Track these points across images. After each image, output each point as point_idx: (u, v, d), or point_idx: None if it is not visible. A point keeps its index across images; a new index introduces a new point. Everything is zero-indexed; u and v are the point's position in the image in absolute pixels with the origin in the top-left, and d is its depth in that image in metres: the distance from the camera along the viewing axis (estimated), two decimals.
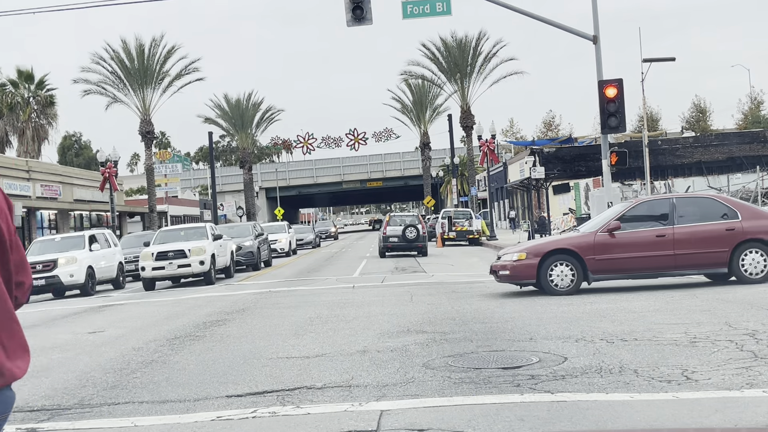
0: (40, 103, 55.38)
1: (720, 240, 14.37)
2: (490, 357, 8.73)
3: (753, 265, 14.35)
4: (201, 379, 8.66)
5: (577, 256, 14.53)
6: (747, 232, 14.37)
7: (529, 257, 14.68)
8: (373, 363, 8.80)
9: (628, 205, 15.46)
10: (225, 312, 15.76)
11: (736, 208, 14.81)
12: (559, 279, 14.51)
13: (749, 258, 14.35)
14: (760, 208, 15.88)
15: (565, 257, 14.57)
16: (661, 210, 14.93)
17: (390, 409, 6.74)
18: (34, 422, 7.29)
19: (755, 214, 14.79)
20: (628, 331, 9.94)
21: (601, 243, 14.56)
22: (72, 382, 9.11)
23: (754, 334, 9.14)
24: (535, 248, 14.98)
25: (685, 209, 14.80)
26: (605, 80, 21.61)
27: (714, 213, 14.69)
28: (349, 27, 21.94)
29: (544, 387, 7.18)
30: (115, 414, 7.38)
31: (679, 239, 14.43)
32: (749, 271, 14.34)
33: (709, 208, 14.86)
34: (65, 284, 25.05)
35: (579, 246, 14.62)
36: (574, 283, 14.50)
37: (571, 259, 14.54)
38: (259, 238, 33.81)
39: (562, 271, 14.52)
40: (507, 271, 14.87)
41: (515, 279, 14.93)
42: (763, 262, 14.35)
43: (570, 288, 14.46)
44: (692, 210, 14.85)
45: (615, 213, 15.23)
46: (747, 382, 6.92)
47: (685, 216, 14.67)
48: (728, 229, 14.41)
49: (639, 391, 6.86)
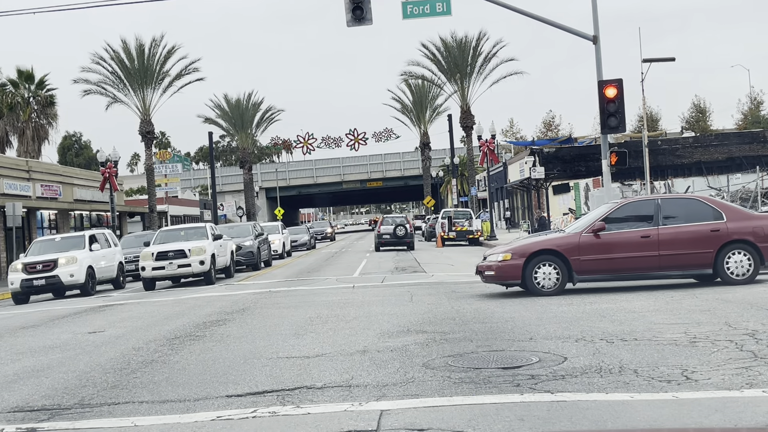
0: (40, 103, 55.36)
1: (705, 241, 14.38)
2: (490, 357, 8.74)
3: (738, 267, 14.35)
4: (201, 379, 8.67)
5: (562, 256, 14.55)
6: (732, 233, 14.37)
7: (514, 258, 14.68)
8: (373, 363, 8.80)
9: (613, 206, 15.41)
10: (225, 312, 15.77)
11: (721, 209, 14.79)
12: (544, 280, 14.52)
13: (734, 259, 14.35)
14: (745, 209, 15.85)
15: (550, 258, 14.58)
16: (646, 211, 14.91)
17: (390, 409, 6.74)
18: (34, 422, 7.29)
19: (740, 216, 14.77)
20: (628, 331, 9.94)
21: (586, 244, 14.57)
22: (72, 382, 9.12)
23: (754, 334, 9.14)
24: (521, 249, 14.95)
25: (670, 210, 14.80)
26: (605, 80, 21.61)
27: (699, 214, 14.68)
28: (349, 27, 21.94)
29: (544, 387, 7.18)
30: (115, 414, 7.38)
31: (664, 240, 14.44)
32: (734, 272, 14.34)
33: (695, 209, 14.85)
34: (65, 284, 25.07)
35: (564, 247, 14.63)
36: (559, 284, 14.52)
37: (556, 260, 14.56)
38: (259, 238, 33.84)
39: (547, 272, 14.53)
40: (492, 272, 14.88)
41: (500, 279, 14.94)
42: (748, 263, 14.35)
43: (555, 289, 14.48)
44: (677, 211, 14.85)
45: (600, 214, 15.22)
46: (747, 382, 6.93)
47: (671, 217, 14.69)
48: (713, 230, 14.42)
49: (639, 391, 6.86)
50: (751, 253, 14.33)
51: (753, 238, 14.36)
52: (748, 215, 15.06)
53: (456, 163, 63.17)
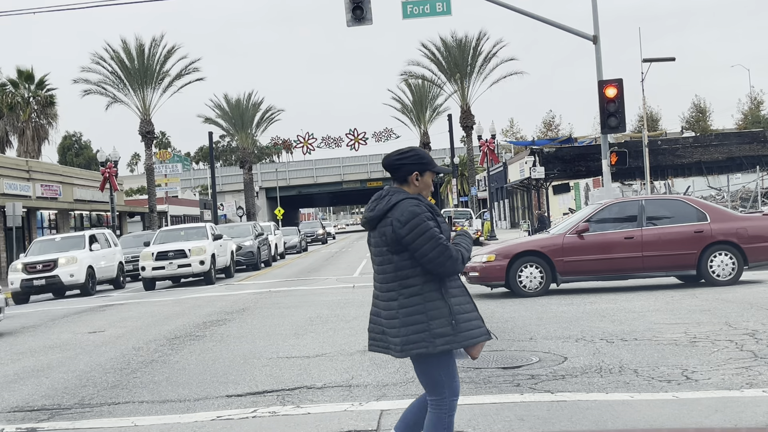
0: (40, 103, 55.33)
1: (688, 242, 14.39)
2: (490, 357, 8.74)
3: (721, 267, 14.34)
4: (201, 379, 8.67)
5: (546, 258, 14.57)
6: (716, 234, 14.38)
7: (498, 259, 14.70)
8: (373, 363, 8.80)
9: (597, 207, 15.43)
10: (225, 312, 15.77)
11: (705, 210, 14.80)
12: (528, 281, 14.54)
13: (718, 260, 14.35)
14: (729, 210, 15.85)
15: (533, 259, 14.60)
16: (630, 212, 14.93)
17: (390, 408, 6.74)
18: (34, 422, 7.30)
19: (724, 217, 14.78)
20: (628, 330, 9.94)
21: (570, 245, 14.60)
22: (72, 382, 9.12)
23: (754, 334, 9.14)
24: (504, 250, 14.97)
25: (654, 211, 14.82)
26: (605, 80, 21.61)
27: (683, 215, 14.70)
28: (349, 27, 21.94)
29: (544, 387, 7.19)
30: (115, 414, 7.38)
31: (648, 241, 14.45)
32: (717, 273, 14.34)
33: (679, 210, 14.86)
34: (65, 284, 25.07)
35: (548, 248, 14.66)
36: (542, 285, 14.54)
37: (540, 261, 14.58)
38: (259, 238, 33.84)
39: (531, 273, 14.56)
40: (477, 273, 14.90)
41: (485, 280, 14.95)
42: (732, 264, 14.35)
43: (539, 290, 14.51)
44: (662, 212, 14.87)
45: (584, 215, 15.25)
46: (747, 382, 6.93)
47: (655, 218, 14.71)
48: (697, 231, 14.43)
49: (639, 390, 6.86)
50: (735, 254, 14.34)
51: (737, 239, 14.37)
52: (732, 216, 15.07)
53: (456, 163, 63.16)
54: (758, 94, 73.30)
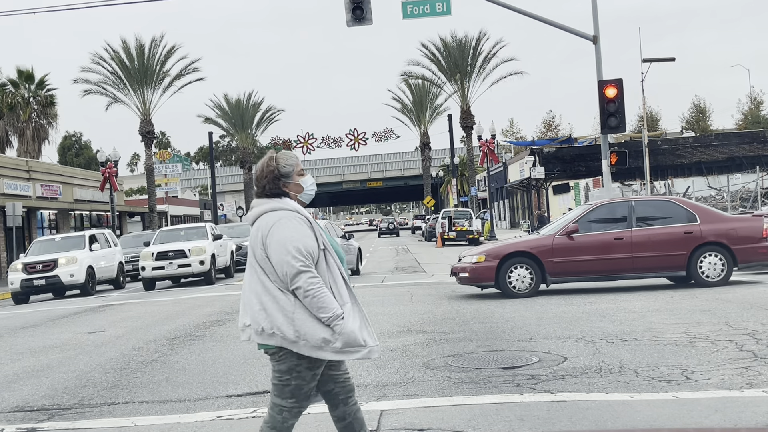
0: (40, 103, 55.33)
1: (678, 243, 14.38)
2: (490, 357, 8.74)
3: (711, 269, 14.34)
4: (201, 379, 8.67)
5: (536, 258, 14.57)
6: (705, 235, 14.37)
7: (488, 260, 14.69)
8: (373, 363, 8.80)
9: (587, 208, 15.42)
10: (225, 312, 15.77)
11: (695, 211, 14.78)
12: (518, 282, 14.54)
13: (707, 261, 14.34)
14: (719, 211, 15.86)
15: (523, 260, 14.60)
16: (620, 213, 14.92)
17: (390, 408, 6.74)
18: (34, 422, 7.29)
19: (714, 218, 14.77)
20: (628, 331, 9.94)
21: (560, 246, 14.60)
22: (72, 382, 9.12)
23: (754, 334, 9.14)
24: (494, 251, 14.97)
25: (644, 212, 14.82)
26: (605, 80, 21.60)
27: (673, 216, 14.69)
28: (349, 27, 21.94)
29: (544, 387, 7.18)
30: (115, 414, 7.38)
31: (637, 242, 14.44)
32: (707, 274, 14.34)
33: (669, 211, 14.85)
34: (65, 284, 25.06)
35: (537, 249, 14.65)
36: (532, 286, 14.53)
37: (529, 262, 14.57)
38: None
39: (521, 274, 14.55)
40: (467, 274, 14.90)
41: (475, 281, 14.95)
42: (721, 266, 14.34)
43: (528, 291, 14.50)
44: (651, 213, 14.87)
45: (574, 216, 15.24)
46: (747, 382, 6.93)
47: (644, 219, 14.71)
48: (686, 232, 14.43)
49: (639, 391, 6.86)
50: (725, 256, 14.33)
51: (726, 241, 14.37)
52: (722, 217, 15.06)
53: (456, 163, 63.15)
54: (758, 94, 73.35)
